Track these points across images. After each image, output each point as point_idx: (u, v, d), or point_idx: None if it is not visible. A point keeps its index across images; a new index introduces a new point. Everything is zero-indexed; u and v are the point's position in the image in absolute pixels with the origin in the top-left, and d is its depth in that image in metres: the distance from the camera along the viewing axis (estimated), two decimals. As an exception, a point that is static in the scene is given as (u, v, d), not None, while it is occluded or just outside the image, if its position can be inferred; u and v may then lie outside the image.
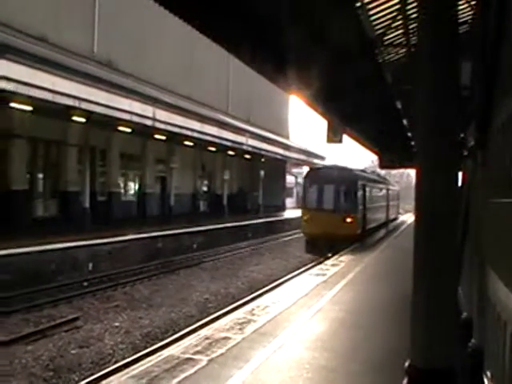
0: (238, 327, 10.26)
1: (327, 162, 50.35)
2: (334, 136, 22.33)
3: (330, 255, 23.68)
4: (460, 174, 11.04)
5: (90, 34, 25.72)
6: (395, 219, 48.41)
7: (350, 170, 28.48)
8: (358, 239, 26.93)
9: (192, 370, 7.63)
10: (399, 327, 7.82)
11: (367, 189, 29.34)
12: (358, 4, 11.62)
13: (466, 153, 9.75)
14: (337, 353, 8.82)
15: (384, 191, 39.16)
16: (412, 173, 77.84)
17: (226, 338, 9.37)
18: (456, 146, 5.17)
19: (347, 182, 26.62)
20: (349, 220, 25.82)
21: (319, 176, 27.41)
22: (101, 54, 26.08)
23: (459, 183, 10.78)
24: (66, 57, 22.02)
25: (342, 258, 21.68)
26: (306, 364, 8.12)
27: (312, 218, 25.92)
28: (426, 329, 4.71)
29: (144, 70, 29.12)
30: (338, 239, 25.04)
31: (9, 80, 18.29)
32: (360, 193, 27.28)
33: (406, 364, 4.76)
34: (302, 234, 29.16)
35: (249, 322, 10.75)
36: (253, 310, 11.97)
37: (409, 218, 49.08)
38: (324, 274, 17.21)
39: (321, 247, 25.70)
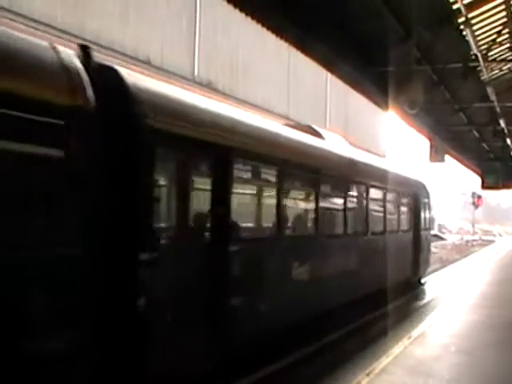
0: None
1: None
2: (436, 155, 21.59)
3: None
4: None
5: (191, 57, 26.54)
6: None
7: None
8: None
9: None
10: None
11: None
12: (462, 19, 11.41)
13: None
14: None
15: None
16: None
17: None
18: None
19: None
20: None
21: None
22: (201, 76, 26.84)
23: None
24: (169, 79, 22.83)
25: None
26: None
27: None
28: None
29: (241, 89, 29.58)
30: None
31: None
32: None
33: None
34: None
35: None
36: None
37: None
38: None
39: None
